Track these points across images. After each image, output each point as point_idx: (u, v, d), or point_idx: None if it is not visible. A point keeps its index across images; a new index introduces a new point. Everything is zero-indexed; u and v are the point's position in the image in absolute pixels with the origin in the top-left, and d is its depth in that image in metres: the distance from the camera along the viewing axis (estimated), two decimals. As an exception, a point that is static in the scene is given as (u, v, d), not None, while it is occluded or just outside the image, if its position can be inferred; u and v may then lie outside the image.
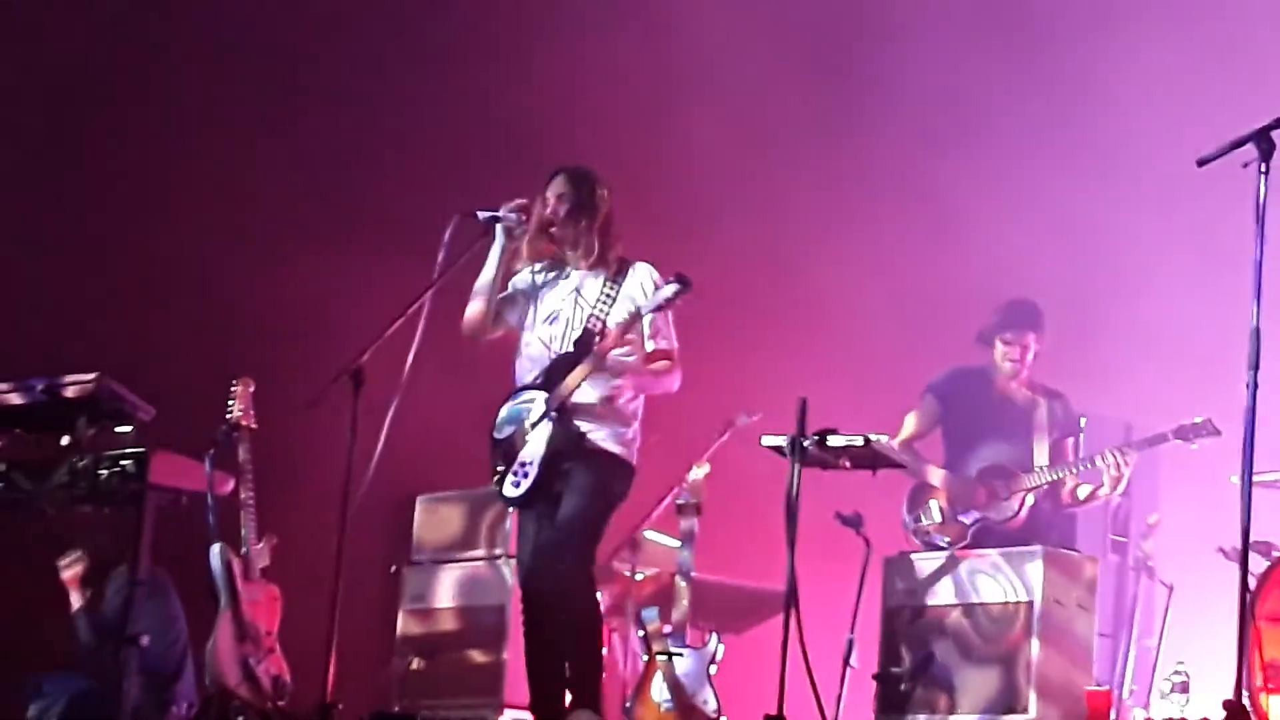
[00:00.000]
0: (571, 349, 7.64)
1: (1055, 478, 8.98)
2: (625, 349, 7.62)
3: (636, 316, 7.55)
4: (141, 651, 7.96)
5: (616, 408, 7.62)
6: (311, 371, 7.81)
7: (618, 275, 7.70)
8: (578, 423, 7.54)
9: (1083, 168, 11.14)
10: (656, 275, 7.69)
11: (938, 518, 9.05)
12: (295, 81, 11.27)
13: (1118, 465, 8.82)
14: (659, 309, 7.54)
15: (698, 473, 9.05)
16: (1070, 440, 9.15)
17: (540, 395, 7.61)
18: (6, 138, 10.56)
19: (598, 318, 7.62)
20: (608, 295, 7.65)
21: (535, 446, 7.57)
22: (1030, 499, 8.95)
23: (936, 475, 9.11)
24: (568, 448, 7.53)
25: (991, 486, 9.02)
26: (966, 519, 9.01)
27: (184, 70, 11.07)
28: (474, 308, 7.82)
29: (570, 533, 7.48)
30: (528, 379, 7.74)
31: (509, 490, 7.66)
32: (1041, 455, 9.04)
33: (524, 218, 7.72)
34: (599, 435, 7.58)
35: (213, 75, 11.09)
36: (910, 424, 9.25)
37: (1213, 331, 9.70)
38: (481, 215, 7.70)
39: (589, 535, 7.53)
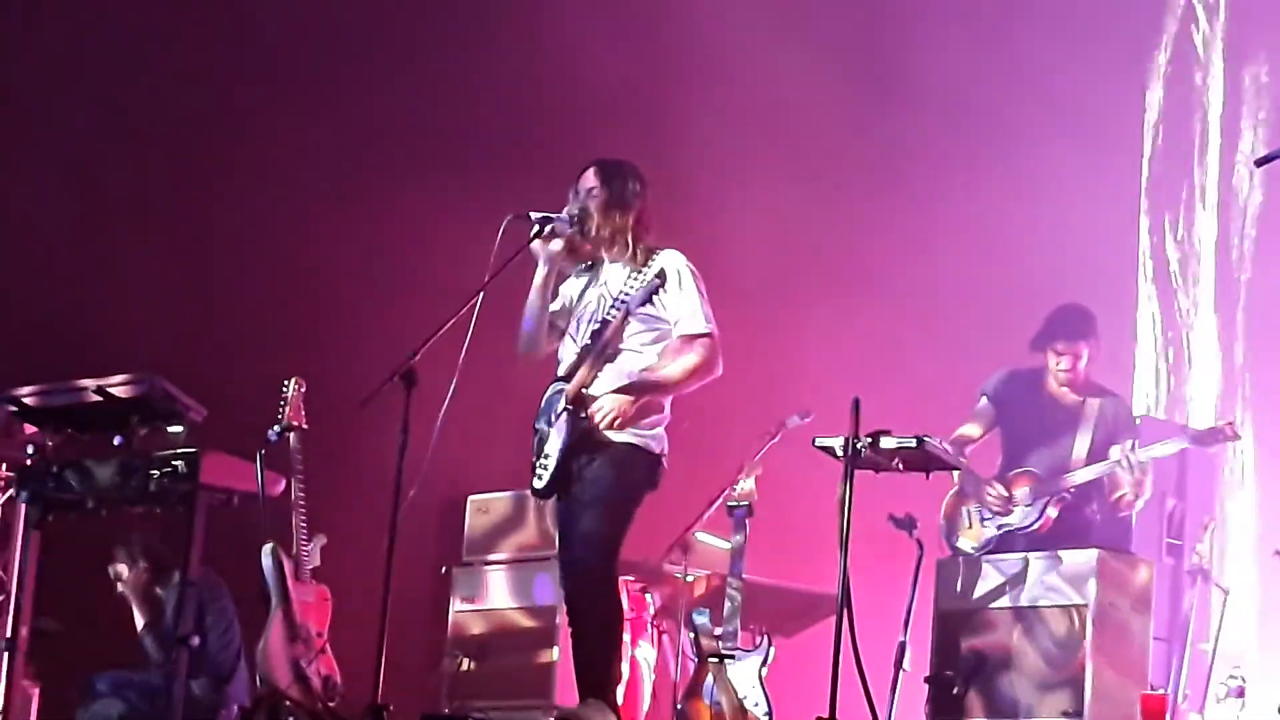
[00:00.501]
0: (589, 341, 7.63)
1: (1079, 481, 8.91)
2: (651, 338, 7.57)
3: (626, 313, 7.52)
4: (198, 652, 7.98)
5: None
6: (363, 372, 7.81)
7: (644, 265, 7.65)
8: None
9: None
10: (682, 262, 7.64)
11: (965, 523, 9.02)
12: (327, 75, 11.28)
13: (1130, 466, 8.75)
14: (641, 304, 7.49)
15: (749, 474, 9.01)
16: (1127, 441, 9.02)
17: (566, 387, 7.61)
18: (47, 139, 10.61)
19: (617, 309, 7.58)
20: (630, 285, 7.61)
21: (556, 440, 7.57)
22: (1052, 504, 8.89)
23: (969, 480, 9.09)
24: (584, 441, 7.51)
25: (1014, 493, 8.99)
26: (992, 525, 8.99)
27: (227, 70, 11.11)
28: (526, 326, 7.80)
29: (591, 544, 7.48)
30: (561, 371, 7.75)
31: (535, 483, 7.68)
32: (1080, 457, 8.99)
33: (576, 220, 7.69)
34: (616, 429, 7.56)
35: (246, 72, 11.11)
36: (966, 428, 9.21)
37: (1266, 331, 9.65)
38: (534, 216, 7.67)
39: (610, 540, 7.49)
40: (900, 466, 7.91)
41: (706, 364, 7.61)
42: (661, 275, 7.48)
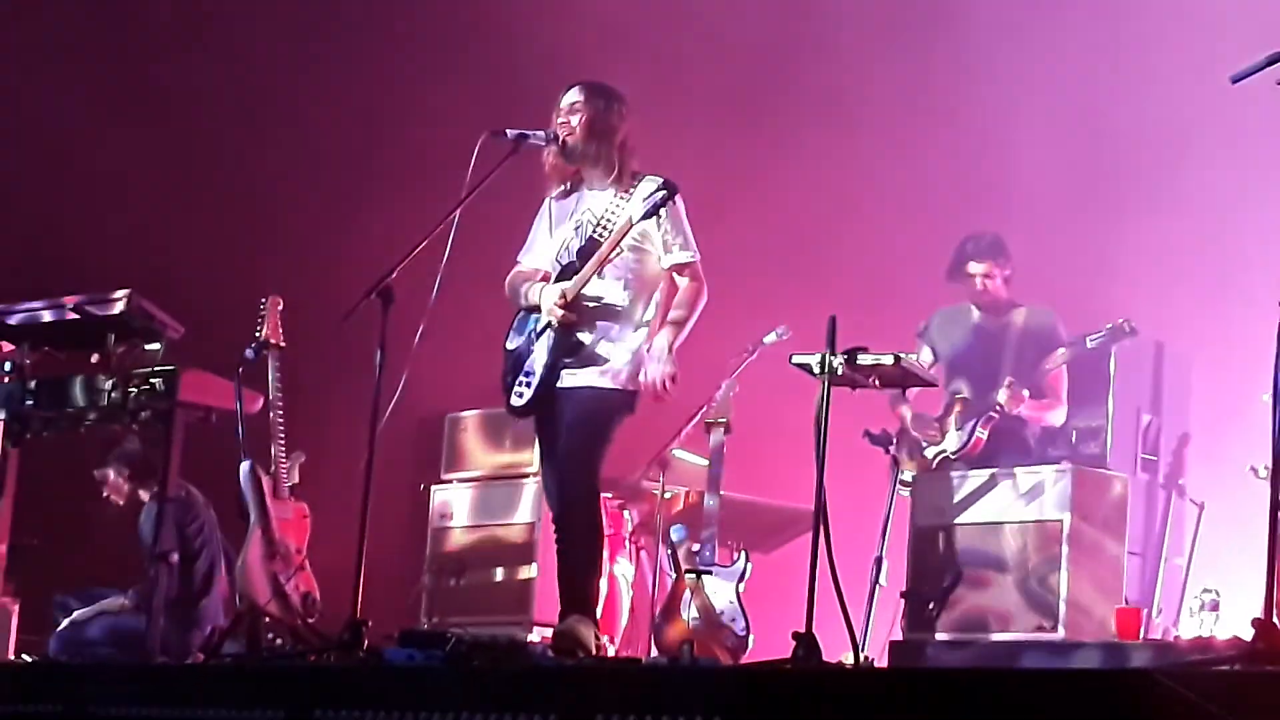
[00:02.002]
0: (575, 259, 7.61)
1: (997, 403, 9.01)
2: (634, 257, 7.55)
3: (628, 225, 7.49)
4: (173, 569, 8.04)
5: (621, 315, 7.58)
6: (340, 289, 7.80)
7: (628, 189, 7.62)
8: (579, 334, 7.52)
9: (1118, 73, 10.99)
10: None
11: (907, 457, 9.12)
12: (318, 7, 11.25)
13: (1014, 397, 8.92)
14: (646, 216, 7.45)
15: (727, 391, 9.04)
16: (1059, 352, 9.15)
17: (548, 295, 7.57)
18: (32, 65, 10.58)
19: (603, 228, 7.56)
20: (616, 207, 7.57)
21: (539, 356, 7.56)
22: (981, 425, 8.97)
23: (906, 414, 9.19)
24: (570, 357, 7.51)
25: (945, 420, 9.10)
26: (929, 454, 9.09)
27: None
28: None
29: (577, 461, 7.46)
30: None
31: (514, 400, 7.64)
32: (1006, 376, 9.09)
33: (556, 138, 7.66)
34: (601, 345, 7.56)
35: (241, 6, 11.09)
36: None
37: (1245, 245, 9.66)
38: (510, 133, 7.63)
39: (595, 458, 7.47)
40: (877, 383, 7.91)
41: (700, 291, 7.60)
42: (670, 188, 7.46)
